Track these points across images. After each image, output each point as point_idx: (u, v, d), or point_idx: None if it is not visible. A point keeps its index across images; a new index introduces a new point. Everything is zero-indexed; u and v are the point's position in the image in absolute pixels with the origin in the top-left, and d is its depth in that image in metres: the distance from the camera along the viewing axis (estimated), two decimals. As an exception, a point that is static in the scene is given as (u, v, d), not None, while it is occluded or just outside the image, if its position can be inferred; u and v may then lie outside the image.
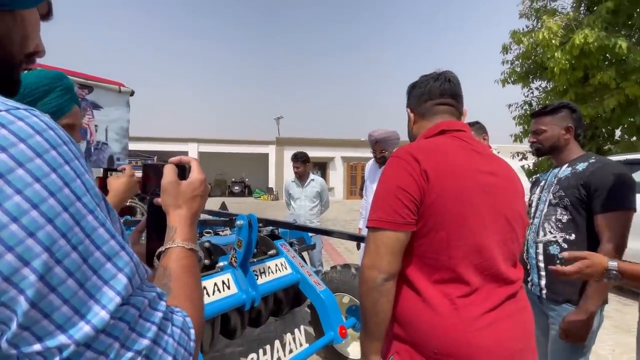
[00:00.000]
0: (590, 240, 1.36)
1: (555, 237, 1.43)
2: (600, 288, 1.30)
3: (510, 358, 0.85)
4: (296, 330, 1.86)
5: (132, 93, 4.34)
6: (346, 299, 2.32)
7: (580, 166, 1.42)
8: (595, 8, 6.37)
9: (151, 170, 0.62)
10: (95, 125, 4.24)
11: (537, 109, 1.62)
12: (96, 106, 4.22)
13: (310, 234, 2.94)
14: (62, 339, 0.31)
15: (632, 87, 5.79)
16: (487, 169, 0.94)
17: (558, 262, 1.40)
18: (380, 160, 2.72)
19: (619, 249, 1.27)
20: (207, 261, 1.92)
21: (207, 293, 1.65)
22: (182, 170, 0.61)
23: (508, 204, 0.94)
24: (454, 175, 0.89)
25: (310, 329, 2.39)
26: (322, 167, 21.36)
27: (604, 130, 7.09)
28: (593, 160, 1.41)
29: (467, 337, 0.84)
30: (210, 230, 2.56)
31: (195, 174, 0.60)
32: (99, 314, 0.32)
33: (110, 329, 0.33)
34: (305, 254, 3.13)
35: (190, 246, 0.52)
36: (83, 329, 0.31)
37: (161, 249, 0.53)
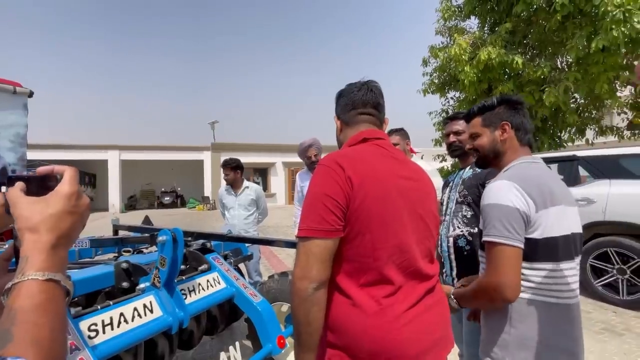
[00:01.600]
0: None
1: (462, 231, 1.60)
2: None
3: (430, 347, 0.92)
4: (231, 348, 1.76)
5: (30, 94, 3.76)
6: (285, 307, 2.28)
7: None
8: (496, 29, 7.35)
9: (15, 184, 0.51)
10: (-17, 132, 3.58)
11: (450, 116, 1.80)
12: (-17, 110, 3.57)
13: (247, 244, 2.83)
14: None
15: (527, 97, 6.78)
16: (404, 173, 1.00)
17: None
18: (313, 166, 2.75)
19: None
20: (126, 284, 1.73)
21: (126, 320, 1.48)
22: (52, 183, 0.50)
23: (423, 204, 1.00)
24: (375, 181, 0.92)
25: (249, 343, 2.29)
26: (262, 172, 20.94)
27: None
28: None
29: (393, 335, 0.87)
30: (130, 249, 2.30)
31: (63, 187, 0.50)
32: None
33: None
34: (242, 265, 3.01)
35: (47, 277, 0.43)
36: None
37: (8, 285, 0.43)
